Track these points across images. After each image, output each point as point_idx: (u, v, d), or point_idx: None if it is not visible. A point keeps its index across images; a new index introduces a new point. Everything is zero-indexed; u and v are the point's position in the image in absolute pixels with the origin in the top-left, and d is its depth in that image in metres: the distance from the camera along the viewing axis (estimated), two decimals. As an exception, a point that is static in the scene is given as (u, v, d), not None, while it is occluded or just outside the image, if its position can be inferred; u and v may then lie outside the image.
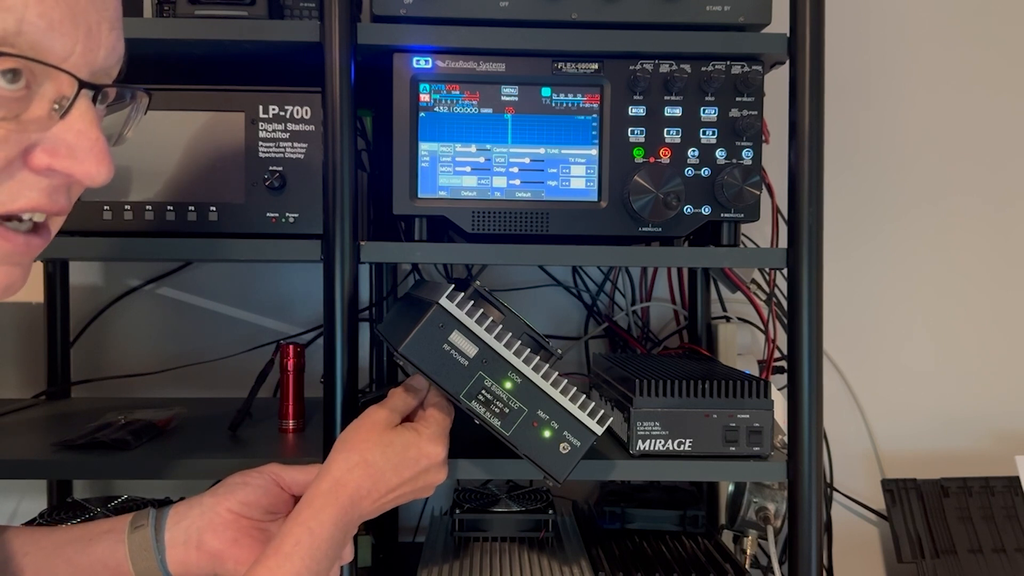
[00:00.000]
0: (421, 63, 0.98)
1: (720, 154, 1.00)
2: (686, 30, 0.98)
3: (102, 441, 1.01)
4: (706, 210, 1.00)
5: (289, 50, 0.99)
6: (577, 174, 1.00)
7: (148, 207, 0.99)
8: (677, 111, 0.99)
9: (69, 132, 0.54)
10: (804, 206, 0.96)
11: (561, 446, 0.82)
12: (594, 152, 1.00)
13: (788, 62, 0.97)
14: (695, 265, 1.31)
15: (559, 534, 1.21)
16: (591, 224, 1.00)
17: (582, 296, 1.48)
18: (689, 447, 0.98)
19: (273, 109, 1.00)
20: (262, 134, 1.00)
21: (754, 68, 0.99)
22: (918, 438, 1.51)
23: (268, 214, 1.00)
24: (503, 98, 0.99)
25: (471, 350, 0.81)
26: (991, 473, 1.40)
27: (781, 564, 1.16)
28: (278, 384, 1.17)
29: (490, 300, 0.88)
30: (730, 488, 1.16)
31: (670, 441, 0.98)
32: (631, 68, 0.98)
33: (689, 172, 0.99)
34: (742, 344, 1.45)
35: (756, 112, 1.00)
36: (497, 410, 0.81)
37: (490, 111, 0.99)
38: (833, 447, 1.45)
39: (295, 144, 1.00)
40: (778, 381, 1.11)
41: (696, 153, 1.00)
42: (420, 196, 0.99)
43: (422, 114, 0.99)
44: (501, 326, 0.83)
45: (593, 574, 1.09)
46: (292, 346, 1.15)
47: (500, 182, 1.00)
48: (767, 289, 1.34)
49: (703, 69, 0.99)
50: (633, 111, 0.99)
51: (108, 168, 0.55)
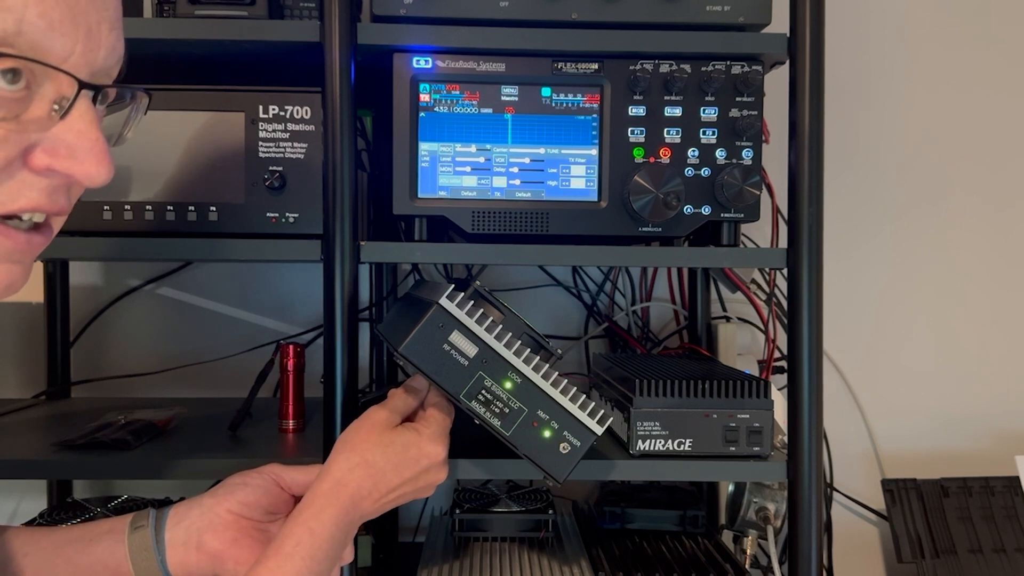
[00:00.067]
0: (421, 63, 0.98)
1: (720, 154, 1.00)
2: (686, 30, 0.98)
3: (102, 441, 1.01)
4: (706, 210, 1.00)
5: (289, 50, 0.99)
6: (577, 174, 1.00)
7: (148, 207, 0.99)
8: (677, 111, 0.99)
9: (69, 132, 0.54)
10: (804, 206, 0.96)
11: (561, 446, 0.82)
12: (594, 152, 1.00)
13: (788, 62, 0.97)
14: (695, 265, 1.31)
15: (559, 534, 1.21)
16: (591, 224, 1.00)
17: (582, 296, 1.48)
18: (689, 447, 0.98)
19: (273, 109, 1.00)
20: (262, 134, 1.00)
21: (754, 68, 0.99)
22: (918, 438, 1.51)
23: (268, 214, 1.00)
24: (503, 98, 0.99)
25: (471, 350, 0.81)
26: (991, 473, 1.40)
27: (781, 564, 1.16)
28: (278, 384, 1.18)
29: (490, 300, 0.88)
30: (730, 488, 1.16)
31: (670, 441, 0.98)
32: (631, 68, 0.98)
33: (689, 172, 1.00)
34: (742, 344, 1.45)
35: (756, 112, 1.00)
36: (497, 410, 0.81)
37: (490, 111, 0.99)
38: (833, 447, 1.45)
39: (295, 144, 1.00)
40: (778, 381, 1.11)
41: (696, 153, 1.00)
42: (420, 196, 0.99)
43: (422, 114, 0.99)
44: (501, 326, 0.83)
45: (593, 574, 1.09)
46: (292, 346, 1.15)
47: (500, 182, 1.00)
48: (767, 289, 1.34)
49: (703, 69, 0.99)
50: (633, 111, 0.99)
51: (108, 168, 0.55)
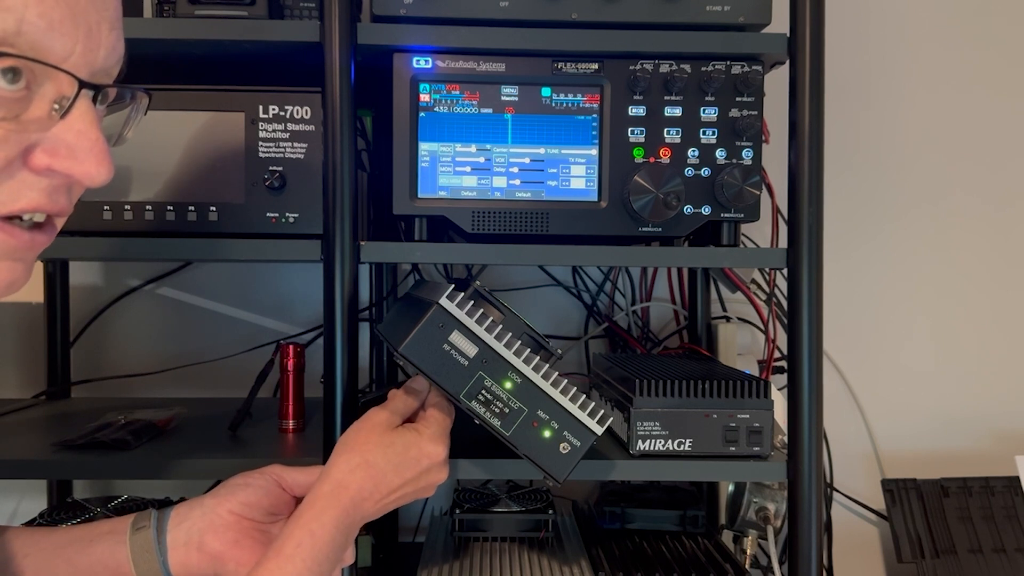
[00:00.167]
0: (421, 63, 0.98)
1: (720, 154, 1.00)
2: (686, 30, 0.98)
3: (102, 441, 1.01)
4: (706, 210, 1.00)
5: (289, 50, 0.99)
6: (577, 174, 1.00)
7: (148, 207, 0.99)
8: (677, 111, 0.99)
9: (69, 132, 0.54)
10: (804, 206, 0.96)
11: (561, 446, 0.82)
12: (594, 152, 1.00)
13: (788, 62, 0.97)
14: (695, 265, 1.31)
15: (559, 534, 1.21)
16: (591, 224, 1.00)
17: (582, 296, 1.48)
18: (689, 447, 0.98)
19: (273, 109, 1.00)
20: (262, 134, 1.00)
21: (754, 68, 0.99)
22: (918, 438, 1.51)
23: (268, 214, 1.00)
24: (503, 98, 0.99)
25: (471, 350, 0.81)
26: (991, 473, 1.40)
27: (781, 564, 1.16)
28: (278, 384, 1.17)
29: (490, 300, 0.88)
30: (730, 488, 1.16)
31: (670, 441, 0.98)
32: (631, 68, 0.98)
33: (689, 172, 0.99)
34: (742, 344, 1.45)
35: (756, 112, 1.00)
36: (497, 410, 0.81)
37: (490, 111, 0.99)
38: (833, 447, 1.45)
39: (295, 144, 1.00)
40: (778, 381, 1.11)
41: (696, 153, 1.00)
42: (420, 196, 0.99)
43: (422, 114, 0.99)
44: (501, 326, 0.83)
45: (593, 574, 1.09)
46: (292, 346, 1.15)
47: (500, 182, 1.00)
48: (767, 289, 1.34)
49: (703, 69, 0.99)
50: (633, 111, 0.99)
51: (108, 168, 0.55)
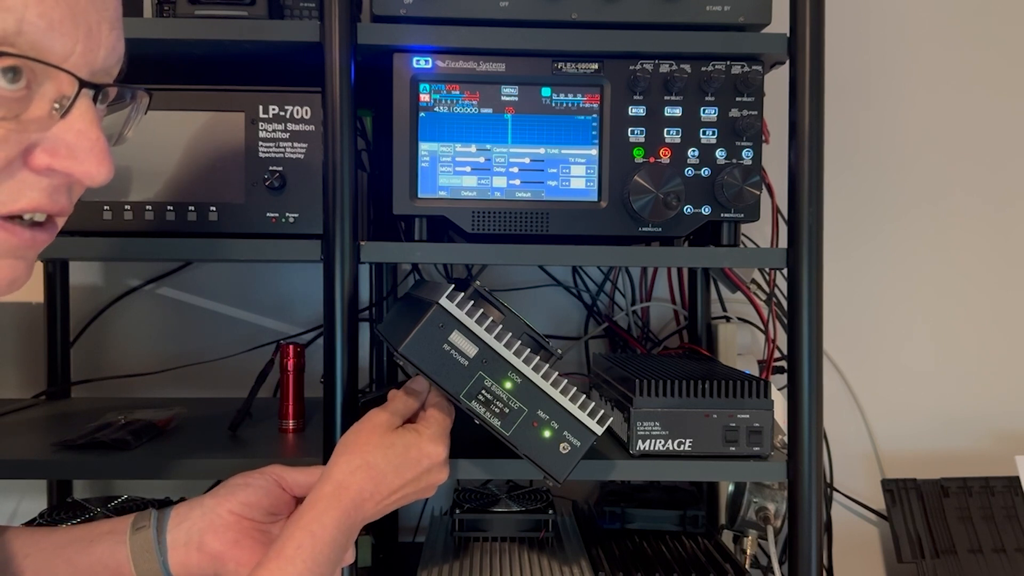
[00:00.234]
0: (421, 63, 0.98)
1: (720, 154, 1.00)
2: (686, 30, 0.98)
3: (102, 441, 1.01)
4: (706, 210, 1.00)
5: (289, 50, 0.99)
6: (577, 174, 1.00)
7: (148, 207, 0.99)
8: (677, 111, 0.99)
9: (69, 132, 0.54)
10: (804, 206, 0.96)
11: (561, 446, 0.82)
12: (594, 152, 1.00)
13: (788, 62, 0.97)
14: (695, 265, 1.31)
15: (559, 534, 1.21)
16: (591, 224, 1.00)
17: (582, 296, 1.48)
18: (689, 447, 0.98)
19: (273, 109, 1.00)
20: (262, 134, 1.00)
21: (754, 68, 0.99)
22: (918, 438, 1.51)
23: (268, 214, 1.00)
24: (503, 98, 0.99)
25: (471, 350, 0.81)
26: (991, 473, 1.40)
27: (781, 564, 1.16)
28: (278, 384, 1.17)
29: (490, 300, 0.88)
30: (730, 488, 1.16)
31: (670, 441, 0.98)
32: (631, 68, 0.98)
33: (689, 172, 0.99)
34: (742, 344, 1.45)
35: (756, 112, 1.00)
36: (497, 410, 0.81)
37: (490, 111, 0.99)
38: (833, 447, 1.45)
39: (295, 144, 1.00)
40: (778, 381, 1.11)
41: (696, 153, 1.00)
42: (420, 196, 0.99)
43: (422, 114, 0.99)
44: (501, 326, 0.83)
45: (593, 574, 1.09)
46: (292, 346, 1.15)
47: (500, 182, 1.00)
48: (767, 289, 1.34)
49: (703, 69, 0.99)
50: (633, 111, 0.99)
51: (108, 168, 0.55)
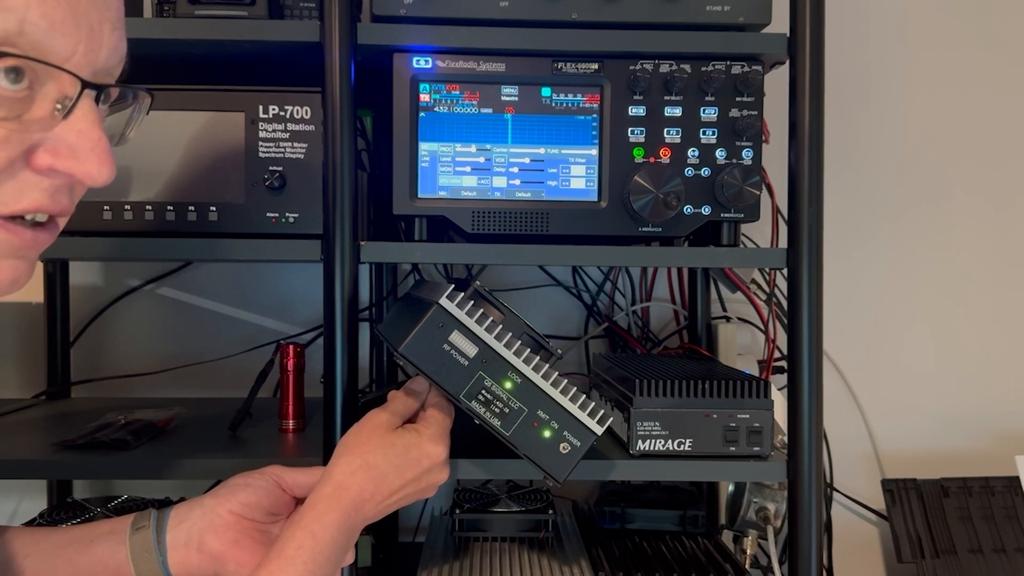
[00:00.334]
0: (421, 63, 0.98)
1: (720, 154, 1.00)
2: (686, 30, 0.98)
3: (102, 441, 1.01)
4: (706, 210, 1.00)
5: (289, 50, 0.99)
6: (577, 174, 1.00)
7: (148, 207, 0.99)
8: (677, 111, 0.99)
9: (71, 132, 0.54)
10: (804, 206, 0.96)
11: (561, 446, 0.82)
12: (594, 152, 1.00)
13: (788, 62, 0.97)
14: (695, 265, 1.31)
15: (559, 534, 1.21)
16: (591, 224, 1.00)
17: (582, 296, 1.48)
18: (689, 447, 0.98)
19: (273, 109, 1.00)
20: (262, 134, 1.00)
21: (754, 68, 0.99)
22: (918, 438, 1.51)
23: (268, 214, 1.00)
24: (503, 98, 0.99)
25: (471, 350, 0.81)
26: (991, 473, 1.40)
27: (781, 564, 1.16)
28: (278, 384, 1.17)
29: (490, 300, 0.88)
30: (730, 488, 1.16)
31: (670, 441, 0.98)
32: (631, 68, 0.98)
33: (689, 172, 1.00)
34: (742, 344, 1.45)
35: (756, 112, 1.00)
36: (497, 410, 0.81)
37: (490, 111, 0.99)
38: (833, 447, 1.45)
39: (295, 144, 1.00)
40: (778, 381, 1.11)
41: (696, 153, 1.00)
42: (420, 196, 0.99)
43: (422, 114, 0.99)
44: (501, 326, 0.83)
45: (593, 574, 1.09)
46: (292, 346, 1.15)
47: (500, 182, 1.00)
48: (767, 289, 1.34)
49: (703, 69, 0.99)
50: (633, 111, 0.99)
51: (110, 168, 0.55)
